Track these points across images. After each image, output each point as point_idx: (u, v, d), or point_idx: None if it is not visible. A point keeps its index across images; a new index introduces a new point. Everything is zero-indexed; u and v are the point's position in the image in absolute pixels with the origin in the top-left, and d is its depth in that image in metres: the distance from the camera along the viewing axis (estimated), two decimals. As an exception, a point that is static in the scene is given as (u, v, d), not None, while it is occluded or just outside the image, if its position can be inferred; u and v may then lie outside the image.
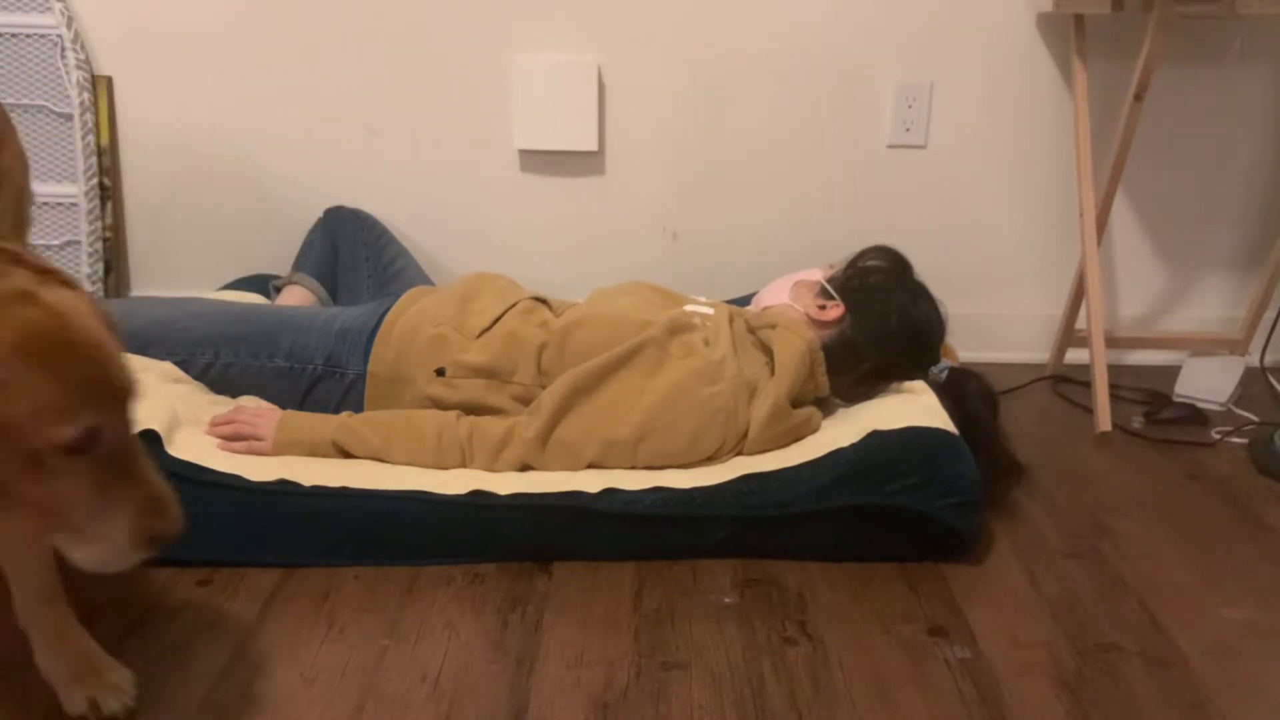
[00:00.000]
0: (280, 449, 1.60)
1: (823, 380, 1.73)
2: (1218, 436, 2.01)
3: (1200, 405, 2.13)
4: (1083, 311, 2.23)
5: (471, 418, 1.64)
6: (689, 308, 1.79)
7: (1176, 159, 2.33)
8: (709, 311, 1.78)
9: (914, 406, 1.64)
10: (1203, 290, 2.44)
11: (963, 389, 1.73)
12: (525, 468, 1.61)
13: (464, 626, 1.36)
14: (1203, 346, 2.35)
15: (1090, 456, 1.93)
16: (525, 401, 1.68)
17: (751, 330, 1.78)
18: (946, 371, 1.77)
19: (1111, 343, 2.24)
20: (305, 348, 1.73)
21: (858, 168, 2.33)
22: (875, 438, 1.55)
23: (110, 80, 2.25)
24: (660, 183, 2.33)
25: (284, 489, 1.49)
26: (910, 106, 2.28)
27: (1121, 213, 2.36)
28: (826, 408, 1.76)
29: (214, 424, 1.63)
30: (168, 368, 1.70)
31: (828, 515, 1.50)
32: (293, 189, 2.29)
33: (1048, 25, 2.24)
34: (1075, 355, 2.33)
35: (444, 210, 2.34)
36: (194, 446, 1.55)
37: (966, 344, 2.14)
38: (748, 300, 1.99)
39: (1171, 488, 1.80)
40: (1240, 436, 2.00)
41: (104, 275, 2.28)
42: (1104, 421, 2.02)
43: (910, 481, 1.49)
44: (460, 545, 1.49)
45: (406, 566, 1.48)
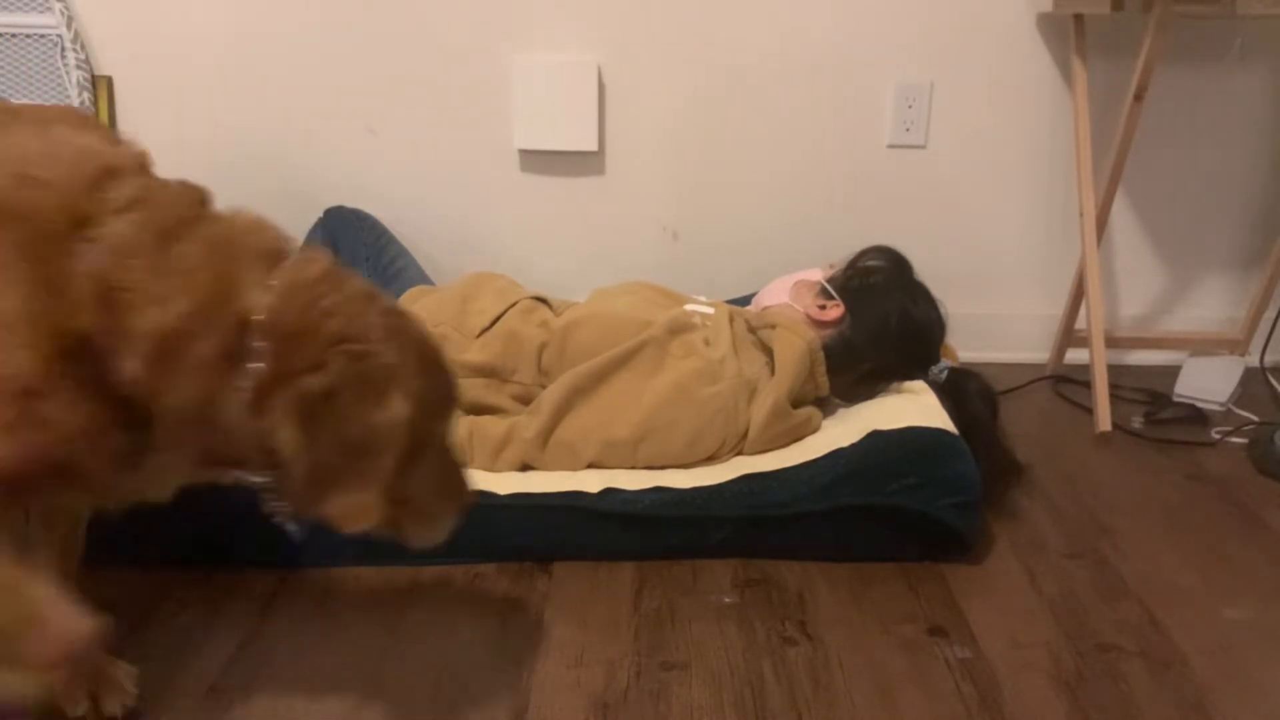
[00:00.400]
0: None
1: (823, 380, 1.73)
2: (1218, 436, 2.01)
3: (1200, 405, 2.13)
4: (1083, 311, 2.23)
5: (471, 417, 1.63)
6: (689, 307, 1.79)
7: (1176, 159, 2.33)
8: (709, 311, 1.78)
9: (914, 406, 1.64)
10: (1203, 290, 2.44)
11: (963, 389, 1.73)
12: (525, 467, 1.61)
13: (464, 626, 1.36)
14: (1203, 346, 2.35)
15: (1090, 456, 1.93)
16: (525, 401, 1.68)
17: (751, 330, 1.78)
18: (946, 371, 1.77)
19: (1111, 343, 2.24)
20: (305, 348, 1.73)
21: (858, 168, 2.33)
22: (875, 438, 1.55)
23: (110, 80, 2.25)
24: (660, 183, 2.33)
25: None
26: (910, 106, 2.28)
27: (1121, 213, 2.36)
28: (826, 408, 1.76)
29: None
30: (168, 368, 1.69)
31: (828, 515, 1.50)
32: (293, 189, 2.29)
33: (1048, 25, 2.24)
34: (1075, 355, 2.33)
35: (444, 210, 2.34)
36: (194, 446, 1.55)
37: (966, 344, 2.14)
38: (748, 300, 1.99)
39: (1171, 488, 1.80)
40: (1240, 436, 2.00)
41: (104, 275, 2.28)
42: (1104, 421, 2.02)
43: (910, 481, 1.49)
44: (460, 545, 1.49)
45: (406, 566, 1.48)
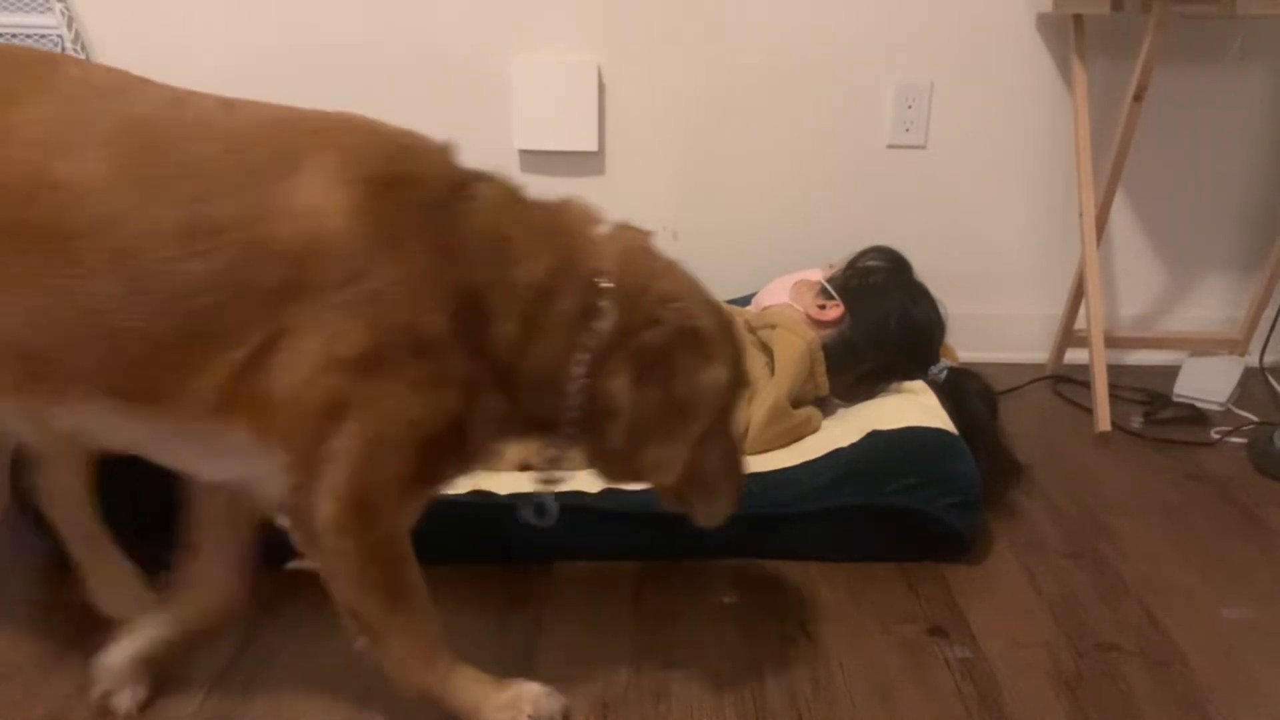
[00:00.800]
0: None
1: (822, 380, 1.73)
2: (1217, 436, 2.01)
3: (1200, 405, 2.13)
4: (1082, 311, 2.23)
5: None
6: (689, 308, 1.78)
7: (1176, 159, 2.33)
8: (709, 311, 1.78)
9: (914, 406, 1.64)
10: (1202, 290, 2.44)
11: (962, 389, 1.73)
12: (525, 468, 1.61)
13: (464, 626, 1.36)
14: (1202, 346, 2.35)
15: (1090, 456, 1.93)
16: (525, 401, 1.67)
17: (751, 330, 1.78)
18: (946, 371, 1.77)
19: (1111, 343, 2.24)
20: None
21: (858, 168, 2.33)
22: (875, 438, 1.56)
23: (110, 80, 2.25)
24: (661, 183, 2.33)
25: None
26: (910, 107, 2.28)
27: (1121, 213, 2.36)
28: (826, 408, 1.76)
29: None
30: (168, 368, 1.69)
31: (827, 515, 1.50)
32: (293, 189, 2.28)
33: (1048, 25, 2.24)
34: (1075, 355, 2.33)
35: (444, 210, 2.33)
36: (194, 446, 1.55)
37: (966, 344, 2.14)
38: (748, 300, 1.99)
39: (1171, 488, 1.80)
40: (1240, 436, 2.00)
41: (104, 275, 2.27)
42: (1104, 421, 2.02)
43: (910, 481, 1.49)
44: (460, 545, 1.49)
45: (406, 566, 1.47)
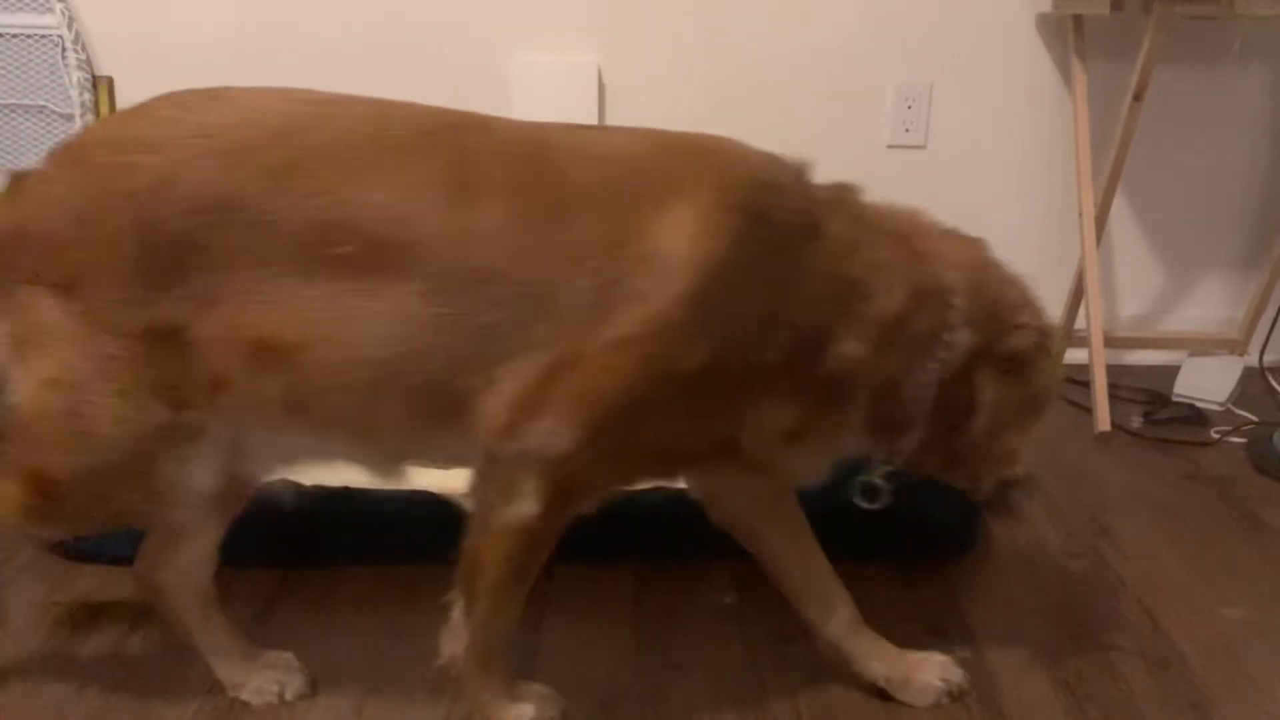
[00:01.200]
0: (280, 449, 1.60)
1: (823, 380, 1.73)
2: (1217, 436, 2.01)
3: (1199, 405, 2.13)
4: (1082, 311, 2.23)
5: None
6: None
7: (1176, 159, 2.33)
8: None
9: (914, 406, 1.64)
10: (1202, 290, 2.44)
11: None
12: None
13: (464, 626, 1.36)
14: (1202, 346, 2.35)
15: (1090, 456, 1.93)
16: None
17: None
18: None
19: (1110, 343, 2.24)
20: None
21: (857, 168, 2.28)
22: (875, 438, 1.55)
23: (111, 81, 2.25)
24: (660, 183, 2.33)
25: (285, 489, 1.49)
26: (910, 107, 2.28)
27: (1121, 213, 2.36)
28: (826, 408, 1.76)
29: (214, 424, 1.63)
30: (168, 368, 1.69)
31: (828, 515, 1.49)
32: (293, 189, 2.28)
33: (1047, 25, 2.24)
34: (1074, 355, 2.33)
35: (444, 210, 2.33)
36: (194, 447, 1.55)
37: (966, 344, 2.14)
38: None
39: (1171, 488, 1.80)
40: (1239, 436, 2.00)
41: (104, 275, 2.27)
42: (1103, 421, 2.02)
43: (910, 481, 1.49)
44: (460, 545, 1.49)
45: (406, 566, 1.47)
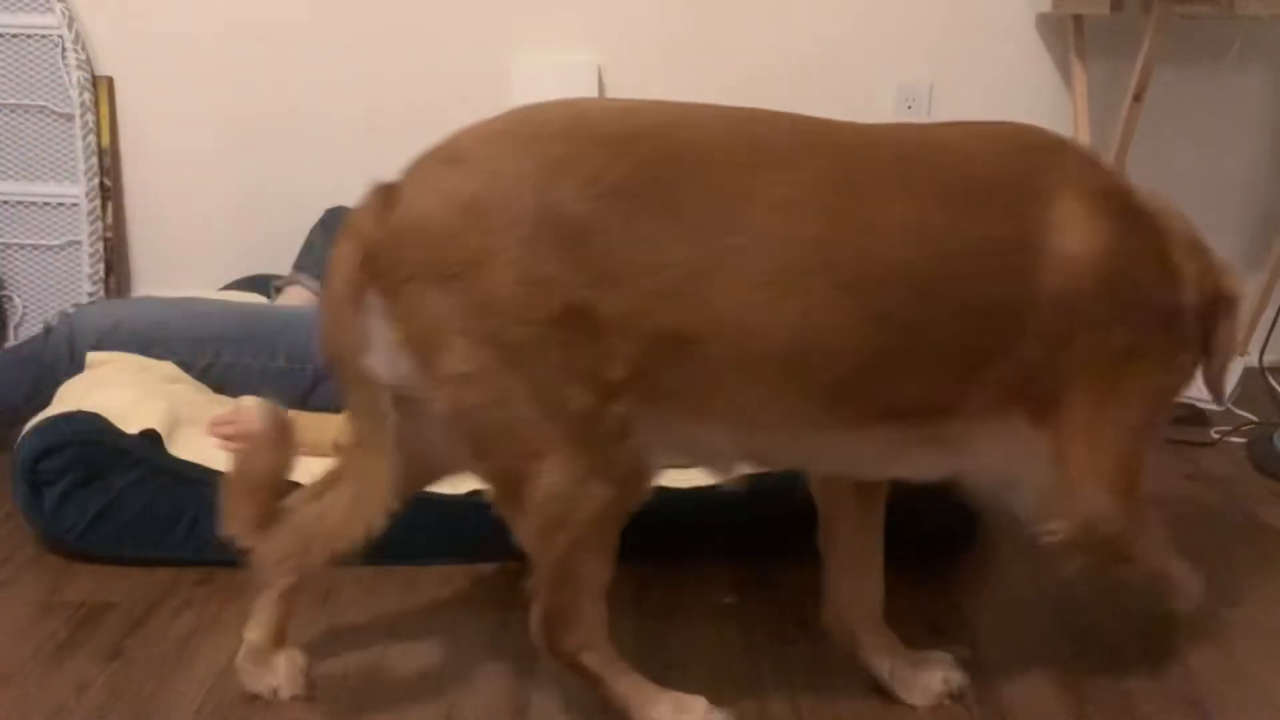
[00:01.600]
0: (281, 449, 1.60)
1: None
2: (1217, 436, 2.01)
3: (1199, 405, 2.13)
4: (1082, 311, 2.22)
5: (472, 418, 1.63)
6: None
7: (1176, 159, 2.32)
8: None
9: (914, 406, 1.64)
10: (1202, 290, 2.44)
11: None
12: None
13: (464, 626, 1.36)
14: (1202, 346, 2.35)
15: (1090, 456, 1.93)
16: (525, 402, 1.67)
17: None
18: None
19: (1111, 343, 2.24)
20: (306, 348, 1.73)
21: (857, 168, 2.32)
22: (875, 438, 1.55)
23: (111, 81, 2.25)
24: (660, 183, 2.33)
25: (284, 489, 1.49)
26: (910, 107, 2.28)
27: (1121, 213, 2.36)
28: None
29: (215, 424, 1.63)
30: (169, 368, 1.70)
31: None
32: (293, 189, 2.29)
33: (1047, 25, 2.24)
34: (1075, 355, 2.33)
35: (444, 210, 2.33)
36: (195, 446, 1.55)
37: (966, 344, 2.14)
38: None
39: (1171, 488, 1.80)
40: (1239, 436, 2.00)
41: (105, 275, 2.28)
42: (1104, 421, 2.01)
43: (910, 481, 1.49)
44: (460, 545, 1.49)
45: (406, 566, 1.48)
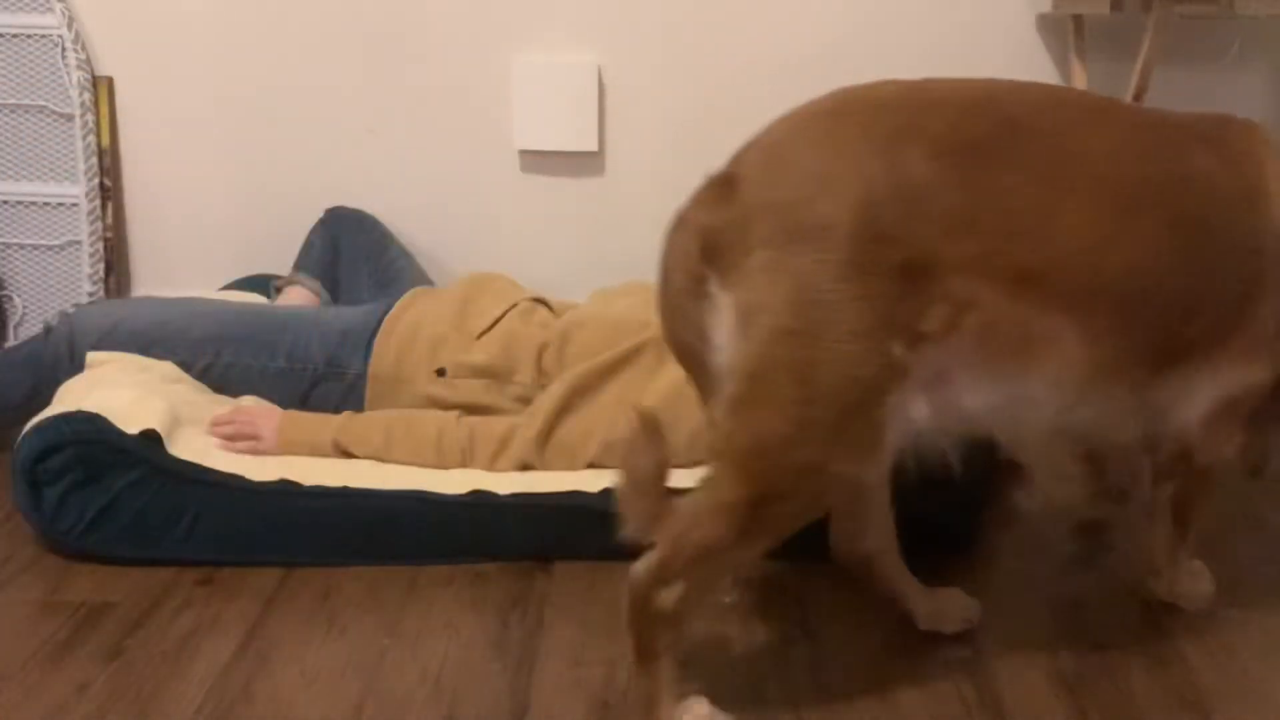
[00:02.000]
0: (281, 449, 1.60)
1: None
2: (1217, 436, 2.00)
3: (1200, 405, 2.13)
4: (1082, 312, 2.22)
5: (472, 418, 1.63)
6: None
7: (1176, 159, 2.32)
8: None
9: (914, 406, 1.64)
10: (1202, 290, 2.44)
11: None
12: (525, 467, 1.61)
13: (464, 626, 1.36)
14: (1202, 346, 2.35)
15: (1090, 456, 1.93)
16: (526, 402, 1.68)
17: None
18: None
19: (1111, 343, 2.24)
20: (306, 348, 1.74)
21: (858, 168, 2.32)
22: (875, 438, 1.55)
23: (111, 81, 2.25)
24: (660, 183, 2.32)
25: (285, 489, 1.50)
26: (910, 107, 2.27)
27: (1121, 213, 2.36)
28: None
29: (215, 424, 1.63)
30: (168, 368, 1.70)
31: (828, 515, 1.49)
32: (293, 189, 2.29)
33: (1047, 25, 2.24)
34: (1075, 355, 2.33)
35: (444, 210, 2.33)
36: (195, 446, 1.56)
37: (966, 344, 2.14)
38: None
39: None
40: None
41: (105, 275, 2.28)
42: (1104, 421, 2.01)
43: (909, 481, 1.49)
44: (460, 545, 1.49)
45: (406, 566, 1.48)
